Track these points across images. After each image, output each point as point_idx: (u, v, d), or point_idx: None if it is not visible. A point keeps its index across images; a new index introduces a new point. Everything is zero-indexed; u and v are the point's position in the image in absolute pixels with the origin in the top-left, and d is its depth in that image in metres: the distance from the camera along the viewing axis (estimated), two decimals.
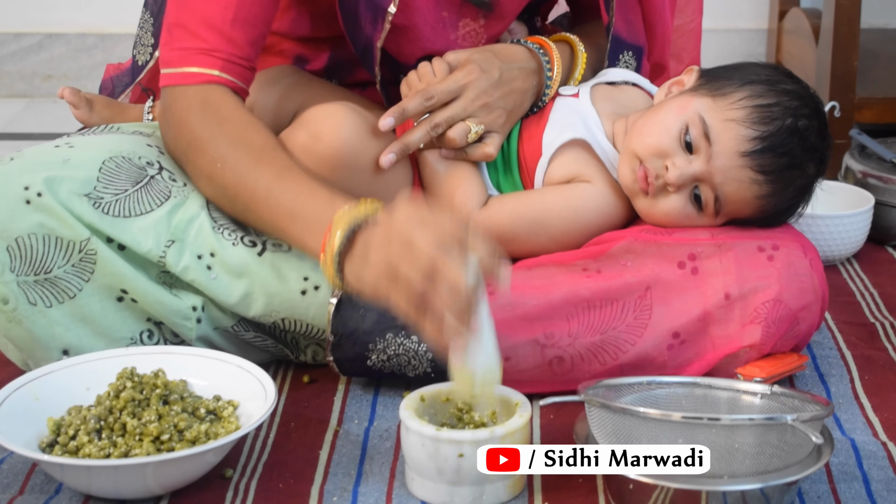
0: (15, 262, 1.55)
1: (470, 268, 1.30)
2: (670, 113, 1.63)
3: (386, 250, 1.33)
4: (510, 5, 1.78)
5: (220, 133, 1.58)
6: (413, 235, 1.31)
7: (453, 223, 1.33)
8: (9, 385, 1.47)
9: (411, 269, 1.30)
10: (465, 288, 1.28)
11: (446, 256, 1.28)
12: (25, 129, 2.54)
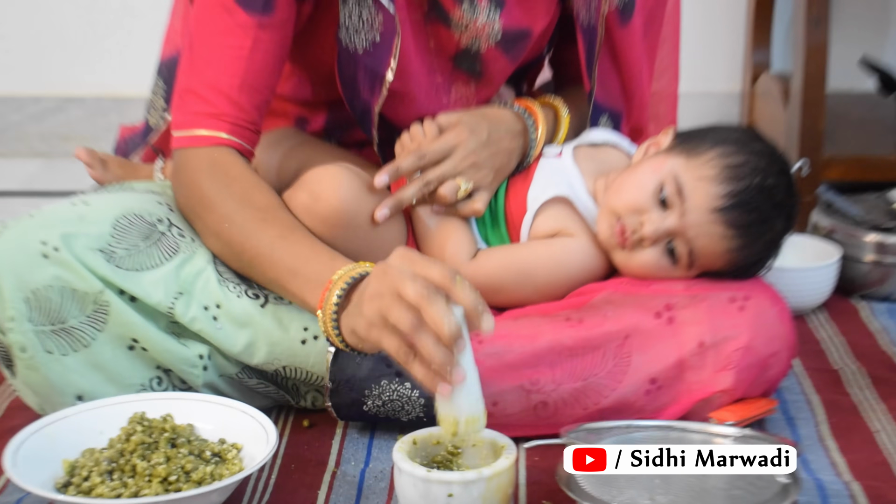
0: (33, 312, 1.55)
1: (455, 307, 1.32)
2: (647, 172, 1.64)
3: (378, 302, 1.34)
4: (498, 73, 1.79)
5: (227, 193, 1.59)
6: (402, 286, 1.31)
7: (440, 274, 1.33)
8: (26, 429, 1.47)
9: (400, 318, 1.30)
10: (448, 338, 1.29)
11: (432, 307, 1.29)
12: (44, 187, 2.55)
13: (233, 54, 1.60)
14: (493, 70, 1.78)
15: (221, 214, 1.58)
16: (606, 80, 1.81)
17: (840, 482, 1.52)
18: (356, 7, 1.64)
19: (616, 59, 1.81)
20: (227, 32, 1.60)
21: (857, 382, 1.80)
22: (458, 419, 1.37)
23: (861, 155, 2.40)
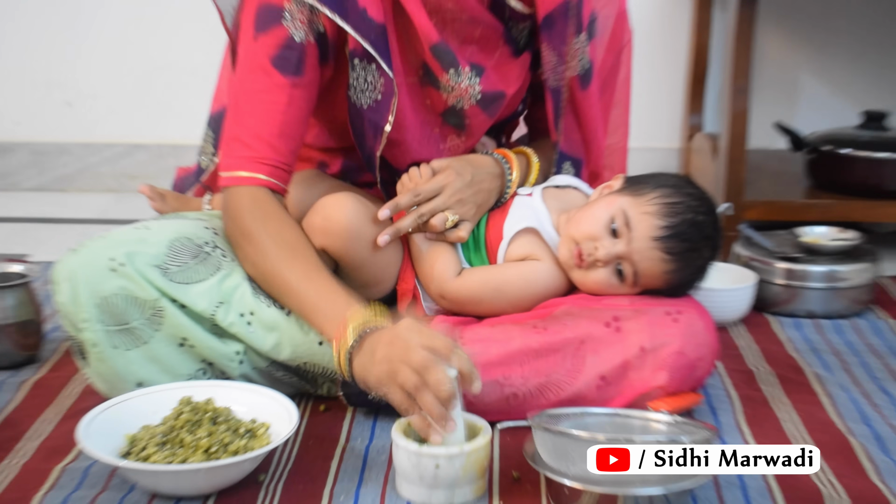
0: (103, 315, 1.56)
1: (451, 370, 1.35)
2: (601, 207, 1.65)
3: (389, 350, 1.38)
4: (478, 126, 1.79)
5: (264, 229, 1.58)
6: (411, 342, 1.36)
7: (443, 345, 1.37)
8: (96, 408, 1.48)
9: (406, 380, 1.35)
10: (445, 400, 1.34)
11: (434, 374, 1.34)
12: (115, 216, 2.55)
13: (272, 108, 1.60)
14: (474, 124, 1.78)
15: (258, 248, 1.59)
16: (570, 133, 1.82)
17: None
18: (363, 72, 1.64)
19: (578, 117, 1.81)
20: (266, 90, 1.60)
21: (768, 381, 1.81)
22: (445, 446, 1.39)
23: (774, 200, 2.40)
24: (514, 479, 1.47)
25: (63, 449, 1.54)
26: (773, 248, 2.15)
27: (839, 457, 1.55)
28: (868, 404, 1.72)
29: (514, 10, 1.73)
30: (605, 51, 1.85)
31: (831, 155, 2.47)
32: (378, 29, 1.61)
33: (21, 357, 1.83)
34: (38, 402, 1.70)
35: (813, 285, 2.09)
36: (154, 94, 2.85)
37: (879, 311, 2.13)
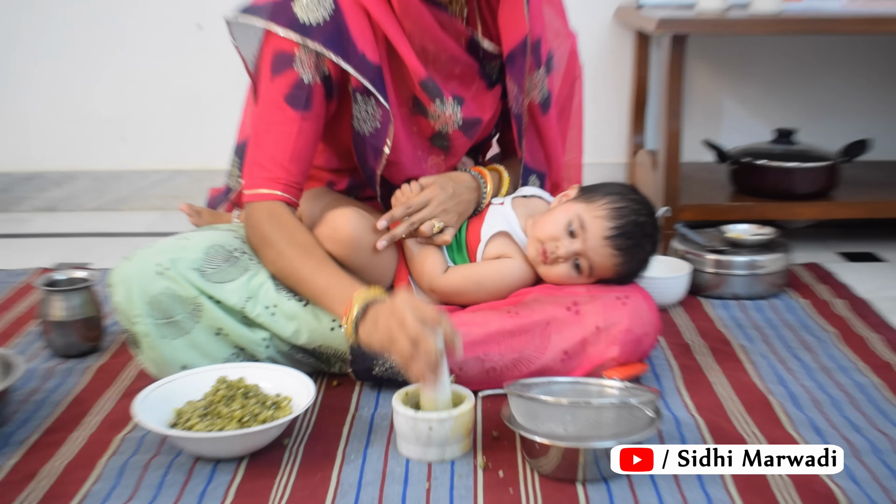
0: (152, 311, 1.56)
1: (438, 339, 1.36)
2: (560, 213, 1.65)
3: (388, 322, 1.39)
4: (460, 148, 1.80)
5: (280, 234, 1.59)
6: (405, 315, 1.37)
7: (432, 315, 1.38)
8: (148, 387, 1.49)
9: (403, 346, 1.36)
10: (434, 354, 1.35)
11: (425, 339, 1.35)
12: (160, 230, 2.55)
13: (285, 138, 1.61)
14: (456, 146, 1.78)
15: (276, 249, 1.59)
16: (534, 152, 1.83)
17: (689, 417, 1.54)
18: (364, 105, 1.65)
19: (540, 137, 1.82)
20: (280, 123, 1.61)
21: (701, 352, 1.81)
22: (437, 402, 1.40)
23: (704, 203, 2.41)
24: (494, 438, 1.48)
25: (122, 422, 1.54)
26: (703, 242, 2.15)
27: (761, 413, 1.55)
28: (784, 369, 1.73)
29: (486, 51, 1.74)
30: (561, 82, 1.86)
31: (750, 165, 2.48)
32: (375, 70, 1.62)
33: (86, 347, 1.82)
34: (100, 384, 1.70)
35: (737, 273, 2.09)
36: (190, 128, 2.86)
37: (792, 293, 2.13)
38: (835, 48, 2.85)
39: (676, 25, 2.32)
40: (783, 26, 2.36)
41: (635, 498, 1.32)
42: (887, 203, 2.42)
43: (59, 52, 2.83)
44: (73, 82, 2.86)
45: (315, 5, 1.58)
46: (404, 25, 1.63)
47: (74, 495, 1.34)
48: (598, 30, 2.81)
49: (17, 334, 1.93)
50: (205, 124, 2.83)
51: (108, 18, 2.81)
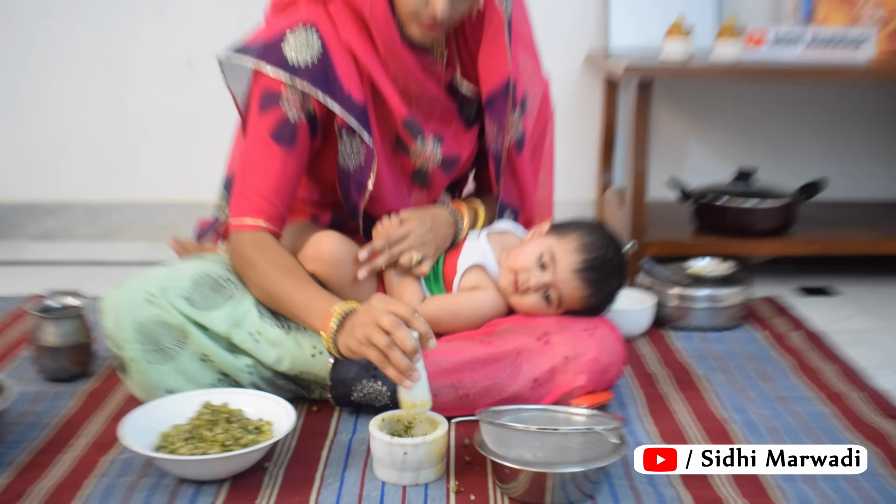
0: (140, 337, 1.55)
1: (413, 339, 1.35)
2: (532, 246, 1.66)
3: (364, 329, 1.39)
4: (439, 184, 1.80)
5: (263, 258, 1.59)
6: (380, 319, 1.37)
7: (405, 311, 1.38)
8: (134, 411, 1.48)
9: (379, 340, 1.36)
10: (410, 353, 1.36)
11: (399, 332, 1.35)
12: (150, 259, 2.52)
13: (270, 171, 1.61)
14: (436, 182, 1.79)
15: (260, 272, 1.59)
16: (508, 189, 1.83)
17: (652, 443, 1.53)
18: (349, 142, 1.65)
19: (514, 175, 1.82)
20: (265, 157, 1.61)
21: (665, 381, 1.81)
22: (415, 403, 1.40)
23: (668, 239, 2.41)
24: (466, 463, 1.47)
25: (109, 444, 1.53)
26: (667, 276, 2.16)
27: (720, 440, 1.55)
28: (743, 398, 1.73)
29: (464, 94, 1.75)
30: (534, 124, 1.87)
31: (711, 204, 2.49)
32: (361, 109, 1.62)
33: (76, 372, 1.81)
34: (89, 407, 1.69)
35: (699, 305, 2.10)
36: (180, 162, 2.85)
37: (751, 325, 2.14)
38: (791, 94, 2.88)
39: (642, 72, 2.34)
40: (742, 73, 2.38)
41: None
42: (842, 240, 2.44)
43: (52, 84, 2.81)
44: (68, 115, 2.84)
45: (304, 47, 1.58)
46: (388, 68, 1.64)
47: None
48: (569, 75, 2.83)
49: (10, 358, 1.92)
50: (194, 159, 2.82)
51: (102, 54, 2.80)
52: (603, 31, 2.78)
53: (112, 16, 2.78)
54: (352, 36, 1.61)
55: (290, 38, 1.59)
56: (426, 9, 1.55)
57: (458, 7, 1.58)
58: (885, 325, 2.16)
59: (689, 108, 2.88)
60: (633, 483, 1.41)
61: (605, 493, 1.38)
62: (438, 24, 1.57)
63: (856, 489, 1.39)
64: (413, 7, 1.55)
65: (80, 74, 2.82)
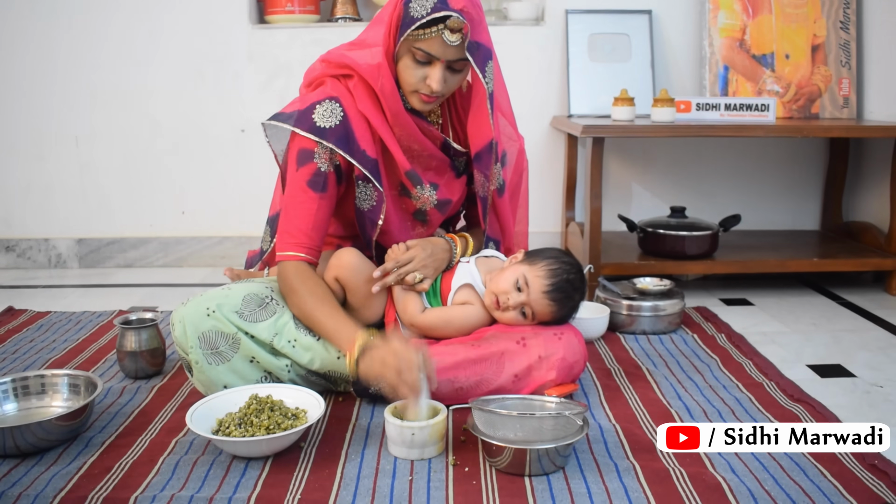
0: (202, 344, 1.54)
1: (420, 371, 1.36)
2: (510, 273, 1.63)
3: (380, 362, 1.39)
4: (435, 221, 1.79)
5: (302, 286, 1.57)
6: (393, 356, 1.38)
7: (415, 356, 1.38)
8: (197, 403, 1.46)
9: (392, 372, 1.37)
10: (416, 382, 1.36)
11: (409, 375, 1.36)
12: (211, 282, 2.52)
13: (307, 213, 1.59)
14: (432, 219, 1.78)
15: (300, 297, 1.57)
16: (492, 224, 1.81)
17: (610, 424, 1.52)
18: (364, 188, 1.64)
19: (497, 214, 1.80)
20: (303, 202, 1.60)
21: (618, 375, 1.79)
22: (417, 417, 1.39)
23: (619, 262, 2.40)
24: (461, 442, 1.45)
25: (177, 429, 1.51)
26: (619, 292, 2.14)
27: (663, 421, 1.52)
28: (681, 388, 1.71)
29: (456, 150, 1.74)
30: (512, 173, 1.86)
31: (653, 233, 2.48)
32: (373, 163, 1.62)
33: (151, 371, 1.78)
34: (161, 400, 1.66)
35: (644, 314, 2.07)
36: (233, 206, 2.85)
37: (686, 329, 2.12)
38: (714, 147, 2.88)
39: (596, 130, 2.33)
40: (675, 131, 2.38)
41: (569, 487, 1.29)
42: (755, 261, 2.43)
43: (138, 147, 2.82)
44: (148, 171, 2.85)
45: (329, 115, 1.59)
46: (395, 130, 1.63)
47: (139, 486, 1.31)
48: (539, 133, 2.83)
49: (100, 361, 1.89)
50: (245, 202, 2.82)
51: (178, 126, 2.81)
52: (565, 100, 2.78)
53: (185, 96, 2.79)
54: (366, 106, 1.61)
55: (318, 108, 1.59)
56: (425, 85, 1.55)
57: (450, 83, 1.59)
58: (790, 329, 2.14)
59: (633, 158, 2.88)
60: (594, 457, 1.39)
61: (573, 465, 1.36)
62: (435, 97, 1.58)
63: (777, 458, 1.36)
64: (414, 83, 1.57)
65: (160, 142, 2.83)
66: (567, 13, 2.74)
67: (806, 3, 2.72)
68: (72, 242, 2.87)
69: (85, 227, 2.87)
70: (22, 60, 2.77)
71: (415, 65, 1.55)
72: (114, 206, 2.87)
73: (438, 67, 1.54)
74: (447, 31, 1.50)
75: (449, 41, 1.51)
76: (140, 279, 2.71)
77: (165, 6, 2.74)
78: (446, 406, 1.45)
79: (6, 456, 1.39)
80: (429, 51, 1.53)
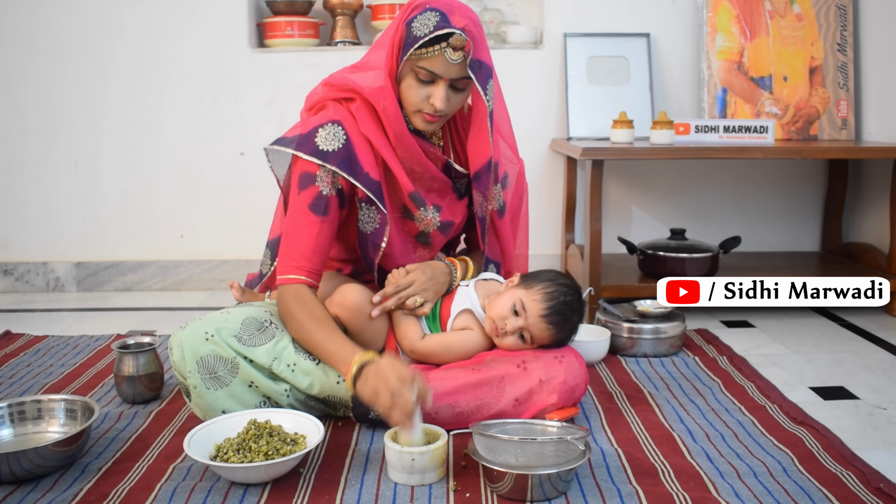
0: (200, 368, 1.53)
1: (413, 393, 1.34)
2: (507, 298, 1.62)
3: (375, 380, 1.38)
4: (438, 243, 1.78)
5: (301, 310, 1.56)
6: (388, 376, 1.36)
7: (408, 375, 1.36)
8: (195, 428, 1.44)
9: (385, 392, 1.35)
10: (409, 405, 1.34)
11: (401, 396, 1.34)
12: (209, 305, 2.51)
13: (308, 236, 1.59)
14: (435, 242, 1.77)
15: (298, 321, 1.56)
16: (492, 247, 1.81)
17: (612, 448, 1.50)
18: (367, 210, 1.64)
19: (497, 236, 1.80)
20: (305, 225, 1.59)
21: (619, 398, 1.77)
22: (410, 441, 1.37)
23: (620, 284, 2.40)
24: (462, 467, 1.43)
25: (175, 454, 1.50)
26: (620, 314, 2.13)
27: (666, 445, 1.52)
28: (682, 411, 1.70)
29: (457, 171, 1.74)
30: (512, 196, 1.85)
31: (653, 256, 2.48)
32: (376, 185, 1.62)
33: (149, 396, 1.77)
34: (159, 425, 1.65)
35: (645, 337, 2.06)
36: (232, 230, 2.84)
37: (687, 352, 2.11)
38: (712, 169, 2.88)
39: (596, 153, 2.34)
40: (674, 153, 2.38)
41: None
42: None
43: (133, 173, 2.82)
44: (146, 195, 2.85)
45: (332, 138, 1.58)
46: (398, 152, 1.63)
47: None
48: (539, 156, 2.83)
49: (97, 385, 1.88)
50: (243, 225, 2.82)
51: (170, 148, 2.82)
52: (564, 123, 2.79)
53: (184, 120, 2.80)
54: (368, 128, 1.61)
55: (321, 132, 1.59)
56: (428, 104, 1.56)
57: (453, 102, 1.60)
58: (792, 351, 2.13)
59: (632, 180, 2.88)
60: (597, 482, 1.37)
61: (575, 490, 1.34)
62: (438, 117, 1.59)
63: (782, 483, 1.35)
64: (418, 103, 1.58)
65: (159, 165, 2.83)
66: (566, 36, 2.76)
67: (803, 25, 2.74)
68: (70, 266, 2.86)
69: (83, 251, 2.87)
70: (24, 85, 2.78)
71: (418, 84, 1.56)
72: (112, 229, 2.86)
73: (441, 86, 1.55)
74: (449, 49, 1.52)
75: (451, 59, 1.52)
76: (138, 303, 2.70)
77: (167, 31, 2.76)
78: (447, 431, 1.44)
79: (2, 482, 1.38)
80: (432, 69, 1.54)
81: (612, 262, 2.68)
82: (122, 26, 2.76)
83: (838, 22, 2.73)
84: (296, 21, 2.79)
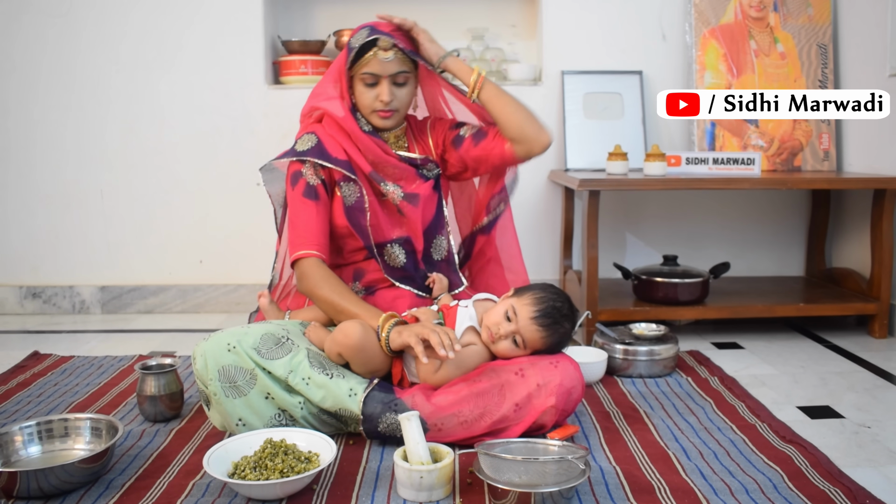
0: (221, 377, 1.54)
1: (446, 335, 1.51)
2: (500, 306, 1.64)
3: (411, 329, 1.57)
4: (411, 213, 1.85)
5: (324, 282, 1.71)
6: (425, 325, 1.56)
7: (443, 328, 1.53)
8: (214, 446, 1.44)
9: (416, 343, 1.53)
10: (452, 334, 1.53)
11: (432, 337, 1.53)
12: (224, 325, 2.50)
13: (309, 218, 1.76)
14: (408, 212, 1.85)
15: (324, 292, 1.70)
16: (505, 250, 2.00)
17: (610, 467, 1.49)
18: (346, 186, 1.82)
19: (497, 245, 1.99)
20: (304, 211, 1.77)
21: (616, 418, 1.76)
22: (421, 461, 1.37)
23: (615, 308, 2.39)
24: (468, 484, 1.42)
25: (194, 471, 1.49)
26: (616, 337, 2.12)
27: (662, 462, 1.51)
28: (676, 429, 1.69)
29: (420, 160, 1.88)
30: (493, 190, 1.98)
31: (647, 281, 2.47)
32: (345, 163, 1.79)
33: (170, 415, 1.77)
34: (179, 442, 1.64)
35: (640, 358, 2.05)
36: (248, 255, 2.85)
37: (680, 372, 2.09)
38: (702, 199, 2.89)
39: (592, 184, 2.34)
40: (667, 184, 2.39)
41: None
42: (744, 307, 2.42)
43: (154, 202, 2.83)
44: (166, 224, 2.85)
45: (306, 141, 1.81)
46: (359, 147, 1.82)
47: None
48: (538, 186, 2.84)
49: (120, 404, 1.87)
50: (258, 252, 2.82)
51: (189, 179, 2.83)
52: (562, 155, 2.80)
53: (204, 153, 2.81)
54: (333, 132, 1.82)
55: (298, 141, 1.83)
56: (378, 102, 1.78)
57: (400, 95, 1.79)
58: (780, 371, 2.12)
59: (627, 210, 2.89)
60: (596, 499, 1.36)
61: None
62: (391, 111, 1.79)
63: (772, 500, 1.34)
64: (370, 103, 1.80)
65: (179, 195, 2.84)
66: (563, 74, 2.77)
67: (787, 63, 2.76)
68: (95, 289, 2.86)
69: (108, 275, 2.87)
70: (56, 119, 2.80)
71: (366, 88, 1.78)
72: (135, 255, 2.87)
73: (384, 83, 1.77)
74: (380, 51, 1.74)
75: (384, 59, 1.75)
76: (159, 325, 2.70)
77: (188, 69, 2.78)
78: (452, 447, 1.43)
79: (30, 497, 1.37)
80: (371, 71, 1.76)
81: (608, 286, 2.67)
82: (147, 64, 2.78)
83: (819, 60, 2.75)
84: (309, 59, 2.81)
